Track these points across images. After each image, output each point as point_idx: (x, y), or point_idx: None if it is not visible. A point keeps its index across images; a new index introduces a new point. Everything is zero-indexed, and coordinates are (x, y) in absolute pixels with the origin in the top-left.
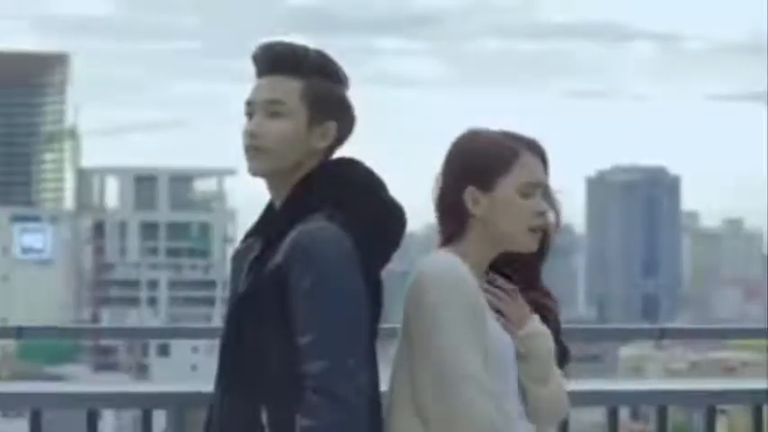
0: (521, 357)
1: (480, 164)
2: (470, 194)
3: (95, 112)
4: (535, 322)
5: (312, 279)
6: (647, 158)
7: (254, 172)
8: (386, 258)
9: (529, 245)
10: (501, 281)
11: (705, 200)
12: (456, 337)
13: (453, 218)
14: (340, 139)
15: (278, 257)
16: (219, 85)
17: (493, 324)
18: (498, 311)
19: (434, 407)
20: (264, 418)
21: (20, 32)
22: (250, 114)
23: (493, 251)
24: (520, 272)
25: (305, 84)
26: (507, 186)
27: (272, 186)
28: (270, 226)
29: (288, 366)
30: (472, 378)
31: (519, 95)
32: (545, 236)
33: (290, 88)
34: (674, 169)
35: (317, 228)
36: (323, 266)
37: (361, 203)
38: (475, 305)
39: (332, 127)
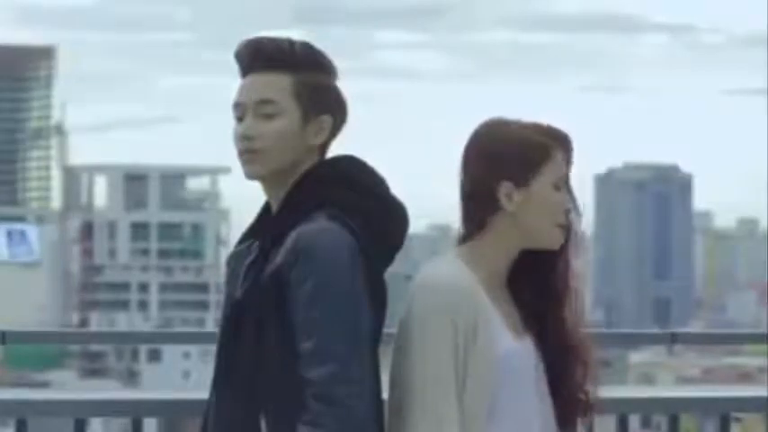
0: None
1: (516, 159)
2: (505, 190)
3: (83, 108)
4: None
5: (313, 282)
6: (660, 156)
7: (251, 176)
8: (389, 259)
9: (555, 241)
10: None
11: (719, 199)
12: (432, 365)
13: (481, 212)
14: (334, 133)
15: (277, 260)
16: (213, 79)
17: (499, 337)
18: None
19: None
20: (263, 426)
21: (3, 24)
22: (240, 117)
23: (516, 248)
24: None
25: (295, 79)
26: (544, 182)
27: (268, 187)
28: (268, 227)
29: (288, 372)
30: (431, 416)
31: (527, 89)
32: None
33: (280, 85)
34: (686, 167)
35: (318, 229)
36: (324, 269)
37: (362, 203)
38: (466, 325)
39: (327, 121)
